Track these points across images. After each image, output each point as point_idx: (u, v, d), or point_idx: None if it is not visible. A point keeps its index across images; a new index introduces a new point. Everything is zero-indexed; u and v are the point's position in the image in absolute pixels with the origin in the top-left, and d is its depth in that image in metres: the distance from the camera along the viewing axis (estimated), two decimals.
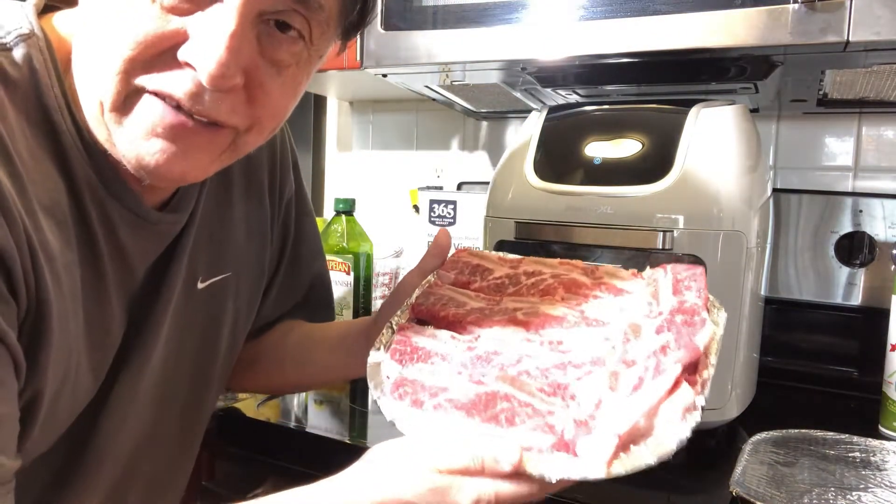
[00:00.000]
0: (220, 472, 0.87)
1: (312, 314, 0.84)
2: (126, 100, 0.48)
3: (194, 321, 0.67)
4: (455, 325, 0.60)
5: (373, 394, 0.53)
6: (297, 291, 0.82)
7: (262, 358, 0.80)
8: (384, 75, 0.99)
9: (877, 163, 1.09)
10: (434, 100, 1.17)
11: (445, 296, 0.63)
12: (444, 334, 0.59)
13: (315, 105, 1.55)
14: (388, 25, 0.91)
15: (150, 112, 0.48)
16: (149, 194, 0.57)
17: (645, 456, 0.46)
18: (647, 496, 0.69)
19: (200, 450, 0.76)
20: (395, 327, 0.60)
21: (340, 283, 1.15)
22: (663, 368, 0.49)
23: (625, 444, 0.46)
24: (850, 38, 0.69)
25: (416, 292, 0.64)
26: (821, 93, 0.95)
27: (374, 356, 0.57)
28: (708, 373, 0.51)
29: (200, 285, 0.67)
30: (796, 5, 0.70)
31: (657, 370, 0.50)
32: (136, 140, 0.49)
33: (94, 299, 0.54)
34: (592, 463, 0.45)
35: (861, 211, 1.01)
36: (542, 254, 0.99)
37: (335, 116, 1.59)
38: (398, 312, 0.63)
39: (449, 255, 0.70)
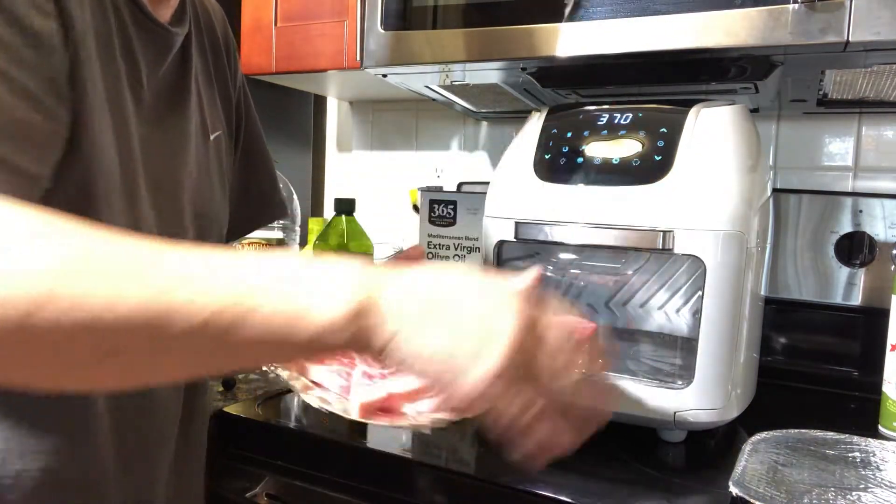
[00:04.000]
0: (220, 472, 0.87)
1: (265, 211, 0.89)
2: None
3: (211, 170, 0.71)
4: None
5: None
6: (251, 180, 0.85)
7: None
8: (384, 75, 0.99)
9: (877, 163, 1.09)
10: (434, 100, 1.17)
11: None
12: None
13: (315, 105, 1.55)
14: (388, 25, 0.91)
15: None
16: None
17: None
18: (646, 496, 0.69)
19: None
20: None
21: None
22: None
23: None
24: (850, 38, 0.69)
25: None
26: (821, 93, 0.95)
27: None
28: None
29: (211, 137, 0.72)
30: (796, 5, 0.70)
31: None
32: None
33: (109, 74, 0.56)
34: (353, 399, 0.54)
35: (861, 211, 1.00)
36: (543, 254, 0.99)
37: (335, 116, 1.59)
38: None
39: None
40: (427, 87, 1.06)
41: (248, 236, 1.16)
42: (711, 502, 0.68)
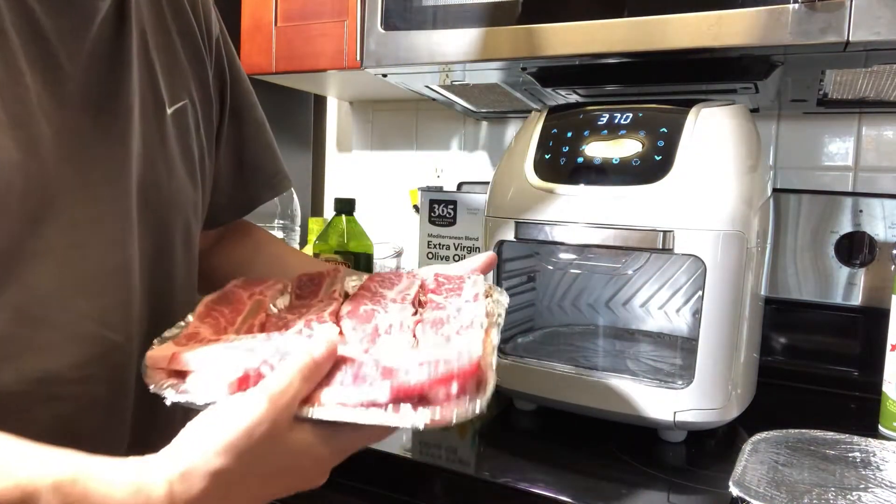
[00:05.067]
0: None
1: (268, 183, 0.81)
2: None
3: (170, 148, 0.64)
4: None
5: None
6: (245, 150, 0.79)
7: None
8: (384, 75, 0.99)
9: (877, 163, 1.09)
10: (434, 100, 1.17)
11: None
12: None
13: (315, 105, 1.55)
14: (388, 25, 0.91)
15: None
16: None
17: None
18: (646, 496, 0.69)
19: None
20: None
21: None
22: None
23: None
24: (850, 38, 0.69)
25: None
26: (821, 93, 0.95)
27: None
28: None
29: (169, 110, 0.64)
30: (796, 5, 0.70)
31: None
32: None
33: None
34: None
35: (861, 211, 1.01)
36: (543, 254, 0.99)
37: (335, 116, 1.59)
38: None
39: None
40: (427, 87, 1.06)
41: None
42: (711, 502, 0.68)
